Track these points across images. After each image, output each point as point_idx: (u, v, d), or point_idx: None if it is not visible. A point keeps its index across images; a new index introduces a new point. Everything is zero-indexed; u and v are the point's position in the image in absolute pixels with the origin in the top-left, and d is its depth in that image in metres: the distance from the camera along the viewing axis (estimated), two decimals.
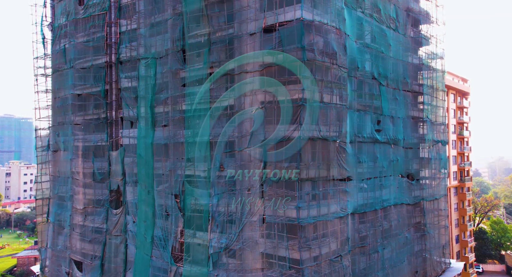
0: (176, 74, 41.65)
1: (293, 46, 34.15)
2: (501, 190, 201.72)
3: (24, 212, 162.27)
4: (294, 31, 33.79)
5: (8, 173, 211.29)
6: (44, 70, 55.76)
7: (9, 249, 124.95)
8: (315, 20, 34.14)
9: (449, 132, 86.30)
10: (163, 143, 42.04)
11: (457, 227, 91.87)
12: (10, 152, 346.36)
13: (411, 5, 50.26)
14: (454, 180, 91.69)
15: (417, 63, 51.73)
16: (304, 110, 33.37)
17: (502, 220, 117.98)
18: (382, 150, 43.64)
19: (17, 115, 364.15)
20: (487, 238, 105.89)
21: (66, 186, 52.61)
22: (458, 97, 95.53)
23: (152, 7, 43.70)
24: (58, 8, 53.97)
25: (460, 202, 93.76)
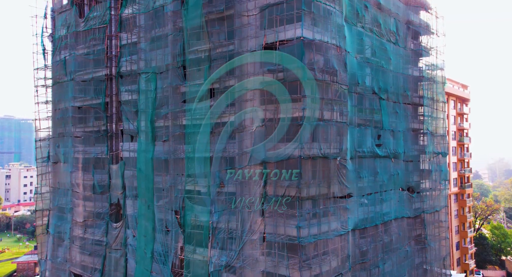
0: (177, 89, 41.66)
1: (293, 64, 34.16)
2: (501, 193, 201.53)
3: (24, 215, 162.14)
4: (294, 49, 33.81)
5: (8, 175, 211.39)
6: (45, 81, 55.72)
7: (9, 253, 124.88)
8: (315, 39, 34.14)
9: (449, 138, 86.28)
10: (163, 159, 41.99)
11: (458, 234, 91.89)
12: (10, 153, 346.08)
13: (411, 18, 50.24)
14: (454, 187, 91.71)
15: (417, 75, 51.67)
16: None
17: (502, 225, 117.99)
18: (383, 164, 43.61)
19: (17, 116, 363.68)
20: (487, 243, 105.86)
21: (66, 198, 52.61)
22: (458, 104, 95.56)
23: (153, 21, 43.71)
24: (58, 20, 54.00)
25: (460, 209, 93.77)
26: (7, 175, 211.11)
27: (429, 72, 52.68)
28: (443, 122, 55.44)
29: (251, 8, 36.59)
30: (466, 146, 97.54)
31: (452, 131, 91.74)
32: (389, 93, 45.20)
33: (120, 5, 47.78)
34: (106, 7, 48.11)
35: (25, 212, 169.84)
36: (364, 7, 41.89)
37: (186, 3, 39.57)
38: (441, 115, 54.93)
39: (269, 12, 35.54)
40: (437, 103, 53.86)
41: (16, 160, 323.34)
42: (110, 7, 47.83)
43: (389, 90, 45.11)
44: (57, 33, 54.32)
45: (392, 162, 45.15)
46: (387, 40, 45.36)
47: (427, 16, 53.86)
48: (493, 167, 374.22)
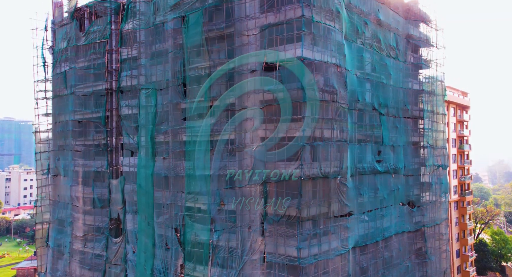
0: (177, 105, 41.63)
1: (293, 84, 34.17)
2: (501, 197, 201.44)
3: (24, 219, 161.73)
4: (294, 70, 33.78)
5: (8, 178, 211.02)
6: (45, 94, 55.69)
7: (9, 258, 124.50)
8: (315, 59, 34.11)
9: (449, 146, 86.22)
10: (163, 175, 41.97)
11: (458, 241, 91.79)
12: (10, 155, 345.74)
13: (411, 32, 50.23)
14: (454, 195, 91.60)
15: (417, 89, 51.66)
16: (305, 149, 33.34)
17: (502, 231, 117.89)
18: (383, 180, 43.60)
19: (17, 118, 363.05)
20: (487, 250, 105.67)
21: (66, 211, 52.57)
22: (458, 111, 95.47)
23: (153, 38, 43.69)
24: (59, 33, 53.99)
25: (460, 216, 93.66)
26: (7, 178, 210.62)
27: (429, 84, 52.64)
28: (443, 134, 55.41)
29: (251, 28, 36.62)
30: (466, 153, 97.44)
31: (452, 138, 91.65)
32: (389, 108, 45.21)
33: (121, 20, 47.81)
34: (106, 22, 48.12)
35: (25, 216, 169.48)
36: (364, 24, 41.89)
37: (186, 21, 39.58)
38: (441, 128, 54.91)
39: (269, 32, 35.57)
40: (437, 115, 53.84)
41: (16, 162, 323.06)
42: (111, 22, 47.85)
43: (389, 105, 45.12)
44: (58, 46, 54.33)
45: (393, 178, 45.14)
46: (387, 55, 45.37)
47: (427, 28, 53.90)
48: (493, 169, 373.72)
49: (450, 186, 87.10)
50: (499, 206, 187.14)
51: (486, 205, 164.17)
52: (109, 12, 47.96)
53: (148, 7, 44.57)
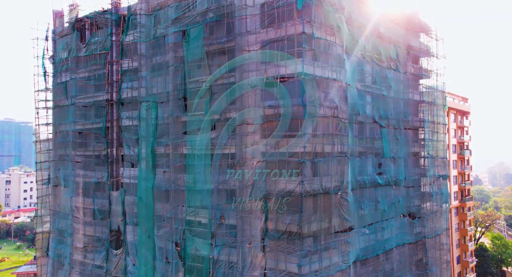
0: (178, 118, 41.58)
1: (294, 99, 34.17)
2: (501, 200, 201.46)
3: (24, 222, 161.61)
4: (295, 86, 33.77)
5: (8, 180, 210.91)
6: (45, 104, 55.66)
7: (9, 262, 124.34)
8: (316, 75, 34.12)
9: (449, 152, 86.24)
10: (164, 189, 41.93)
11: (458, 247, 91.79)
12: (10, 157, 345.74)
13: (411, 43, 50.22)
14: (455, 201, 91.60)
15: (417, 99, 51.67)
16: (306, 166, 33.34)
17: (503, 236, 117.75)
18: (384, 192, 43.59)
19: (17, 119, 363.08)
20: (488, 255, 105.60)
21: (66, 222, 52.53)
22: (458, 116, 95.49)
23: (154, 50, 43.67)
24: (59, 43, 53.99)
25: (461, 222, 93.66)
26: (7, 180, 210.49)
27: (429, 95, 52.61)
28: (444, 144, 55.38)
29: (252, 43, 36.57)
30: (466, 159, 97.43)
31: (453, 144, 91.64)
32: (390, 120, 45.23)
33: (121, 32, 47.79)
34: (107, 33, 48.09)
35: (25, 219, 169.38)
36: (364, 37, 41.92)
37: (187, 35, 39.59)
38: (442, 137, 54.88)
39: (269, 48, 35.52)
40: (437, 125, 53.82)
41: (16, 163, 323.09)
42: (111, 33, 47.81)
43: (389, 117, 45.14)
44: (58, 56, 54.30)
45: (393, 190, 45.12)
46: (388, 67, 45.38)
47: (427, 38, 53.89)
48: (493, 171, 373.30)
49: (451, 192, 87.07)
50: (499, 209, 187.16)
51: (486, 208, 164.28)
52: (110, 24, 47.94)
53: (148, 19, 44.56)
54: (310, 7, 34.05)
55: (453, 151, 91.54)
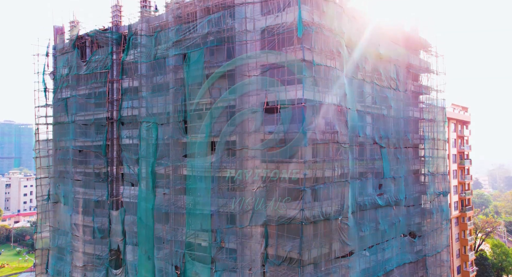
0: (178, 140, 41.53)
1: (294, 124, 34.15)
2: (501, 205, 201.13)
3: (24, 227, 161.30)
4: (295, 112, 33.76)
5: (8, 184, 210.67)
6: (46, 120, 55.63)
7: (8, 269, 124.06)
8: (316, 101, 34.10)
9: (449, 162, 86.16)
10: (164, 212, 41.88)
11: (459, 257, 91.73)
12: (10, 159, 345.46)
13: (411, 61, 50.19)
14: (455, 210, 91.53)
15: (417, 117, 51.67)
16: (306, 193, 33.31)
17: (503, 243, 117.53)
18: (384, 213, 43.56)
19: (17, 121, 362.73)
20: (488, 264, 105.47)
21: (66, 238, 52.47)
22: (458, 126, 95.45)
23: (154, 71, 43.68)
24: (60, 60, 53.98)
25: (461, 232, 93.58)
26: (7, 184, 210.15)
27: (429, 113, 52.54)
28: (444, 161, 55.37)
29: (252, 68, 36.50)
30: (466, 168, 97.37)
31: (453, 154, 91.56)
32: (390, 140, 45.19)
33: (122, 50, 47.75)
34: (107, 52, 48.05)
35: (25, 223, 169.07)
36: (364, 59, 41.90)
37: (188, 58, 39.55)
38: (442, 154, 54.85)
39: (270, 73, 35.50)
40: (437, 142, 53.80)
41: (16, 165, 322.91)
42: (112, 52, 47.77)
43: (389, 136, 45.12)
44: (59, 72, 54.30)
45: (394, 210, 45.06)
46: (388, 87, 45.34)
47: (427, 55, 53.90)
48: (494, 173, 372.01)
49: (451, 202, 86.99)
50: (500, 214, 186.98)
51: (487, 214, 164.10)
52: (111, 43, 47.89)
53: (149, 40, 44.54)
54: (310, 34, 34.01)
55: (453, 161, 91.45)
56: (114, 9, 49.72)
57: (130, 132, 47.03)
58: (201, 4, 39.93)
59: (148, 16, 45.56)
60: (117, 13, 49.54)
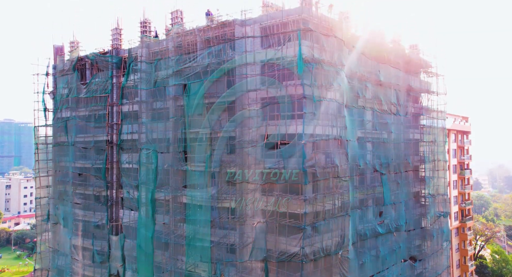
0: (178, 170, 41.43)
1: (294, 159, 34.05)
2: (501, 207, 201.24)
3: (24, 230, 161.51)
4: (295, 149, 33.66)
5: (8, 185, 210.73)
6: (46, 140, 55.58)
7: (9, 273, 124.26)
8: (316, 137, 34.00)
9: (450, 173, 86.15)
10: (163, 241, 41.85)
11: (458, 268, 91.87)
12: (10, 157, 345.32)
13: (411, 83, 49.96)
14: (455, 221, 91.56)
15: (418, 138, 51.54)
16: (306, 231, 33.25)
17: (503, 250, 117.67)
18: (384, 241, 43.44)
19: (17, 120, 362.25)
20: (488, 272, 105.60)
21: (66, 259, 52.44)
22: (459, 136, 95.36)
23: (154, 98, 43.58)
24: (60, 81, 53.83)
25: (461, 242, 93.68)
26: (7, 185, 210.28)
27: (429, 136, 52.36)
28: (445, 181, 55.27)
29: (252, 101, 36.37)
30: (467, 178, 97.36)
31: (453, 165, 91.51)
32: (390, 166, 45.02)
33: (122, 74, 47.59)
34: (107, 76, 47.86)
35: (25, 226, 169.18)
36: (364, 87, 41.75)
37: (188, 89, 39.41)
38: (442, 175, 54.75)
39: (270, 107, 35.38)
40: (438, 163, 53.68)
41: (17, 163, 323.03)
42: (112, 76, 47.58)
43: (390, 162, 44.97)
44: (59, 93, 54.14)
45: (394, 236, 44.96)
46: (388, 112, 45.15)
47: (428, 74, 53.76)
48: (493, 173, 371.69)
49: (451, 212, 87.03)
50: (499, 216, 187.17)
51: (486, 217, 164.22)
52: (111, 66, 47.70)
53: (149, 66, 44.34)
54: (311, 70, 33.87)
55: (453, 171, 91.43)
56: (114, 32, 49.54)
57: (130, 157, 46.91)
58: (201, 34, 39.80)
59: (148, 42, 45.37)
60: (117, 37, 49.38)
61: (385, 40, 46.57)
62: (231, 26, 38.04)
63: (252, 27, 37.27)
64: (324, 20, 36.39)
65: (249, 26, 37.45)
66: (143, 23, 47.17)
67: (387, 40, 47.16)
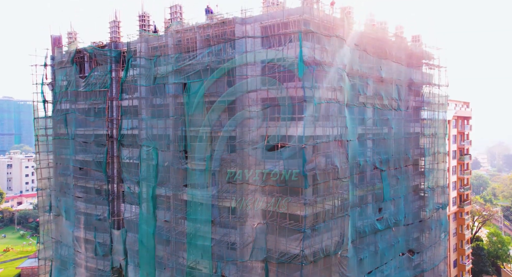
0: (178, 168, 41.51)
1: (294, 160, 34.12)
2: (499, 187, 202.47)
3: (27, 210, 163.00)
4: (295, 152, 33.69)
5: (9, 164, 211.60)
6: (46, 132, 55.49)
7: (13, 253, 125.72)
8: (317, 141, 34.00)
9: (449, 158, 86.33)
10: (164, 238, 42.23)
11: (455, 251, 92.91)
12: (10, 135, 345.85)
13: (413, 76, 49.58)
14: (453, 206, 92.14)
15: (418, 132, 51.47)
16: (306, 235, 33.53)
17: (500, 232, 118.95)
18: (383, 236, 43.84)
19: (16, 98, 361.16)
20: (484, 254, 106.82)
21: (69, 250, 52.99)
22: (459, 121, 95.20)
23: (154, 96, 43.39)
24: (58, 73, 53.41)
25: (458, 227, 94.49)
26: (8, 164, 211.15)
27: (430, 129, 52.26)
28: (444, 173, 55.41)
29: (252, 102, 36.20)
30: (466, 163, 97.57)
31: (453, 150, 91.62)
32: (390, 163, 45.09)
33: (121, 68, 47.24)
34: (106, 70, 47.47)
35: (28, 205, 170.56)
36: (365, 84, 41.51)
37: (187, 88, 39.18)
38: (442, 167, 54.82)
39: (270, 110, 35.25)
40: (438, 155, 53.72)
41: (17, 142, 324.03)
42: (111, 71, 47.22)
43: (390, 159, 45.02)
44: (57, 85, 53.82)
45: (393, 232, 45.34)
46: (389, 108, 45.00)
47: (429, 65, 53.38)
48: (493, 151, 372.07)
49: (450, 198, 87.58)
50: (497, 196, 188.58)
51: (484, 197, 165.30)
52: (109, 60, 47.29)
53: (148, 62, 43.98)
54: (312, 72, 33.63)
55: (453, 157, 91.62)
56: (113, 24, 48.93)
57: (131, 152, 46.94)
58: (200, 31, 39.34)
59: (147, 36, 44.89)
60: (116, 30, 48.78)
61: (387, 35, 46.07)
62: (231, 24, 37.58)
63: (253, 26, 36.82)
64: (325, 19, 35.94)
65: (249, 24, 36.99)
66: (142, 17, 46.60)
67: (389, 35, 46.68)
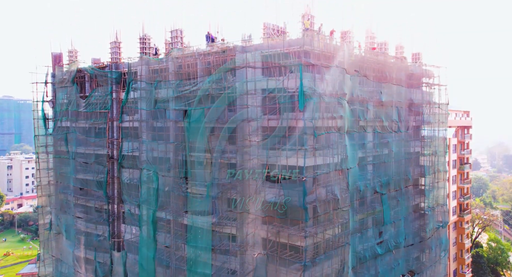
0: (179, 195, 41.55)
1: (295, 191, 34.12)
2: (499, 189, 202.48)
3: (27, 213, 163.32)
4: (296, 184, 33.71)
5: (9, 166, 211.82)
6: (46, 149, 55.53)
7: (13, 257, 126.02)
8: (317, 173, 34.03)
9: (449, 168, 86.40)
10: (165, 264, 42.29)
11: (455, 261, 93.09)
12: (10, 134, 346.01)
13: (413, 97, 49.55)
14: (453, 215, 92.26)
15: (418, 151, 51.46)
16: (307, 267, 33.59)
17: (499, 239, 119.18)
18: (384, 260, 43.84)
19: (16, 97, 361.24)
20: (483, 262, 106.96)
21: (69, 270, 53.09)
22: (459, 130, 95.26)
23: (154, 119, 43.41)
24: (59, 92, 53.40)
25: (458, 236, 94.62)
26: (8, 165, 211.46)
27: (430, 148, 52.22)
28: (444, 191, 55.37)
29: (253, 132, 36.22)
30: (466, 172, 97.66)
31: (453, 160, 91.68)
32: (391, 184, 45.06)
33: (121, 88, 47.26)
34: (107, 92, 47.44)
35: (28, 208, 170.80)
36: (365, 110, 41.47)
37: (188, 115, 39.17)
38: (442, 185, 54.78)
39: (271, 141, 35.25)
40: (438, 174, 53.68)
41: (17, 141, 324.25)
42: (111, 92, 47.20)
43: (390, 181, 44.99)
44: (58, 103, 53.82)
45: (393, 254, 45.35)
46: (389, 131, 44.97)
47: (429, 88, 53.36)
48: (493, 151, 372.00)
49: (450, 207, 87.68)
50: (496, 199, 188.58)
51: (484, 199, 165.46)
52: (110, 82, 47.27)
53: (149, 85, 43.96)
54: (312, 104, 33.63)
55: (453, 166, 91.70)
56: (113, 45, 48.83)
57: (131, 174, 46.97)
58: (201, 57, 39.34)
59: (147, 59, 44.85)
60: (116, 50, 48.69)
61: (388, 58, 46.01)
62: (232, 52, 37.60)
63: (253, 54, 36.79)
64: (325, 48, 35.92)
65: (250, 52, 36.99)
66: (143, 40, 46.44)
67: (389, 57, 46.62)
